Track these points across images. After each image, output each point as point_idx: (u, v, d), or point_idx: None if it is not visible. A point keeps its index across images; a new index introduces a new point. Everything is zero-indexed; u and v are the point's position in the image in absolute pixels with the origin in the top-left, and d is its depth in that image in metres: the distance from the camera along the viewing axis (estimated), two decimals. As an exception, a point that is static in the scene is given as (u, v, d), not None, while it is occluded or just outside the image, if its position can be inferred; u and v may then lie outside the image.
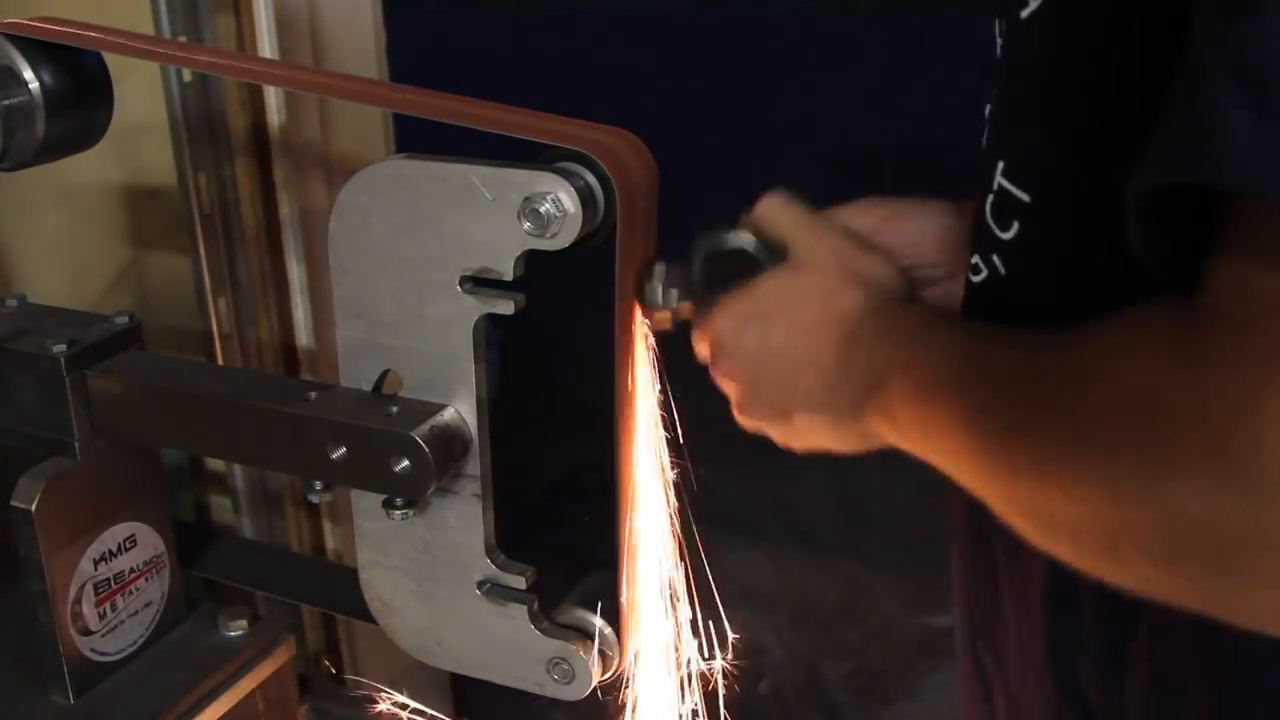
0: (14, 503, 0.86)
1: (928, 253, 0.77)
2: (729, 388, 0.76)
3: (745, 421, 0.77)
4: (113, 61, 0.85)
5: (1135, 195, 0.46)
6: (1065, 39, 0.59)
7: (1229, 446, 0.42)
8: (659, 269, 0.76)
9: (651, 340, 0.78)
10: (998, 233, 0.64)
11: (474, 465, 0.78)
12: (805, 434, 0.74)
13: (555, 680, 0.81)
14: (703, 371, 0.79)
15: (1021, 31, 0.61)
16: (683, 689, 0.85)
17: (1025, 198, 0.62)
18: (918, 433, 0.61)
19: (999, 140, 0.65)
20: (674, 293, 0.76)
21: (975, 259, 0.67)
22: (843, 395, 0.69)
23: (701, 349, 0.76)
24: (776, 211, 0.75)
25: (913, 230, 0.78)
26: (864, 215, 0.78)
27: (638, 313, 0.76)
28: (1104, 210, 0.54)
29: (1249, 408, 0.41)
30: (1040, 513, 0.52)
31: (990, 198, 0.64)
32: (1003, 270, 0.65)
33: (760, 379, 0.73)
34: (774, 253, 0.75)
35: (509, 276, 0.71)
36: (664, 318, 0.77)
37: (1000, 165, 0.64)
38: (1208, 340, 0.43)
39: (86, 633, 0.91)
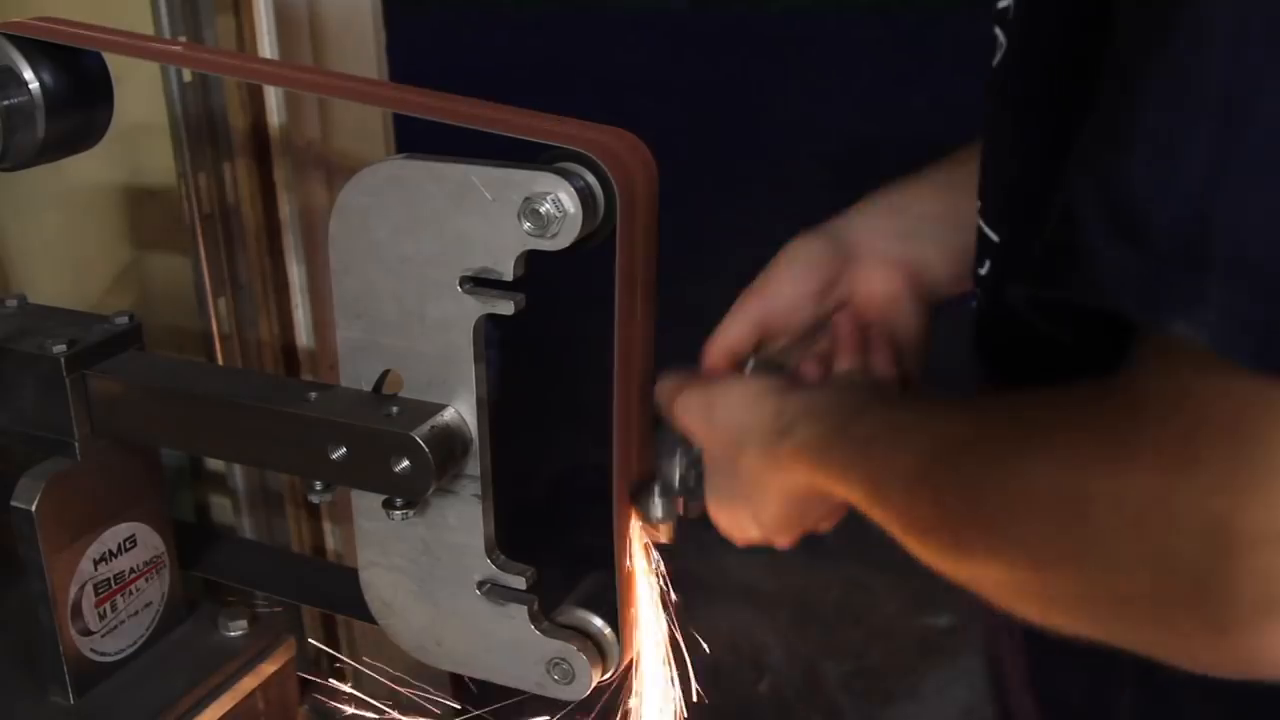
0: (14, 503, 0.86)
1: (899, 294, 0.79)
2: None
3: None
4: (113, 61, 0.85)
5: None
6: (1015, 95, 0.60)
7: (1148, 531, 0.43)
8: (657, 488, 0.79)
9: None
10: (977, 268, 0.65)
11: (474, 465, 0.78)
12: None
13: (555, 680, 0.81)
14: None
15: (993, 79, 0.62)
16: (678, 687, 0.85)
17: (995, 238, 0.63)
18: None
19: (981, 178, 0.66)
20: (670, 503, 0.79)
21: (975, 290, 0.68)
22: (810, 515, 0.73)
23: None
24: (688, 415, 0.76)
25: (869, 286, 0.79)
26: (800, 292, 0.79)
27: (636, 524, 0.80)
28: None
29: (1163, 498, 0.42)
30: (974, 578, 0.54)
31: (976, 231, 0.66)
32: (974, 304, 0.66)
33: (780, 531, 0.75)
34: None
35: (509, 277, 0.71)
36: (667, 529, 0.80)
37: (978, 204, 0.65)
38: (1125, 427, 0.45)
39: (86, 633, 0.91)
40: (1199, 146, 0.41)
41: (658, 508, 0.79)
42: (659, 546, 0.82)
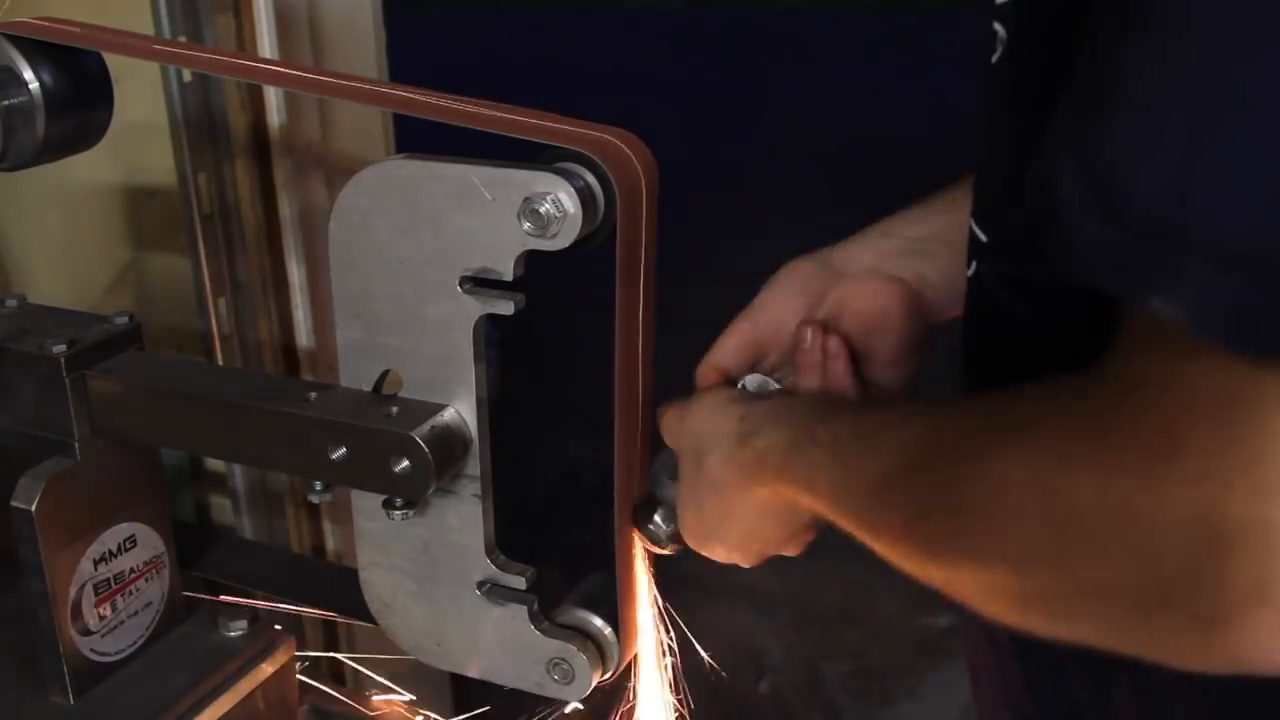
0: (14, 503, 0.86)
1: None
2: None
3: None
4: (113, 61, 0.85)
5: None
6: (1011, 91, 0.60)
7: (1132, 520, 0.42)
8: (659, 513, 0.80)
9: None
10: (966, 270, 0.65)
11: (474, 465, 0.78)
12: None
13: (555, 680, 0.81)
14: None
15: (991, 77, 0.62)
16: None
17: (984, 238, 0.63)
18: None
19: (975, 178, 0.66)
20: (671, 518, 0.79)
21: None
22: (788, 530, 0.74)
23: None
24: (665, 426, 0.78)
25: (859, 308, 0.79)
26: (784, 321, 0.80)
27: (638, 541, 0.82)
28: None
29: (1148, 484, 0.42)
30: (949, 582, 0.53)
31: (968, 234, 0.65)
32: (968, 306, 0.66)
33: (742, 549, 0.77)
34: None
35: (509, 277, 0.71)
36: (670, 545, 0.81)
37: (970, 205, 0.65)
38: (1106, 414, 0.44)
39: (86, 633, 0.91)
40: (1178, 124, 0.41)
41: (659, 528, 0.80)
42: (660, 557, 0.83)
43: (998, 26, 0.61)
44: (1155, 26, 0.42)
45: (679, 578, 0.84)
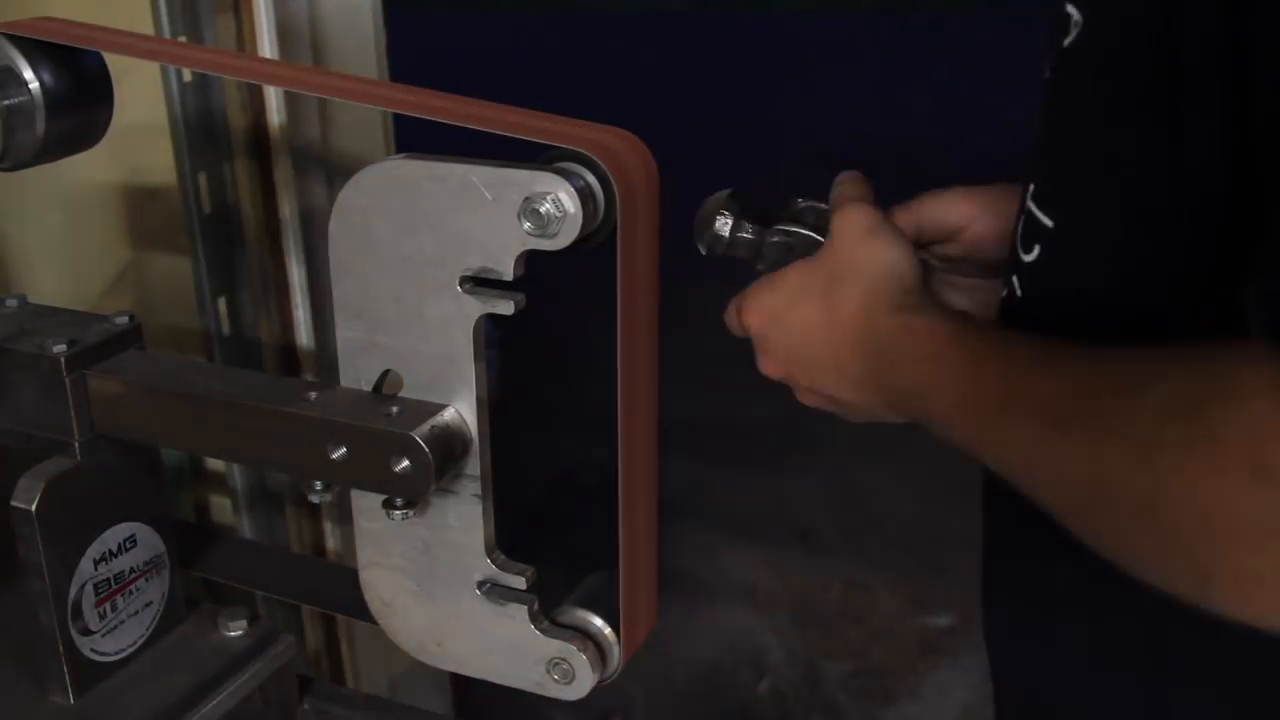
0: (14, 503, 0.86)
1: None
2: (778, 376, 0.76)
3: (807, 401, 0.77)
4: (113, 61, 0.85)
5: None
6: (1098, 69, 0.59)
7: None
8: (728, 211, 0.77)
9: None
10: (1021, 255, 0.65)
11: (474, 465, 0.78)
12: (865, 415, 0.74)
13: (555, 680, 0.81)
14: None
15: (1063, 61, 0.61)
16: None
17: (1049, 223, 0.62)
18: (967, 443, 0.61)
19: (1034, 165, 0.65)
20: (736, 238, 0.77)
21: (1010, 277, 0.67)
22: (877, 407, 0.70)
23: (747, 326, 0.77)
24: (839, 191, 0.76)
25: (986, 221, 0.77)
26: (957, 208, 0.77)
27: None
28: (1124, 241, 0.54)
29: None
30: (1068, 503, 0.53)
31: (1021, 220, 0.65)
32: (1019, 292, 0.66)
33: (796, 378, 0.74)
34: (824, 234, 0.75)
35: (509, 276, 0.71)
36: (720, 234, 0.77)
37: (1030, 189, 0.64)
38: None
39: (86, 633, 0.91)
40: None
41: (723, 228, 0.78)
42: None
43: (1071, 9, 0.60)
44: None
45: (679, 578, 0.84)
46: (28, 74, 0.80)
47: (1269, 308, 0.45)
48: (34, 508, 0.85)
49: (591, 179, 0.70)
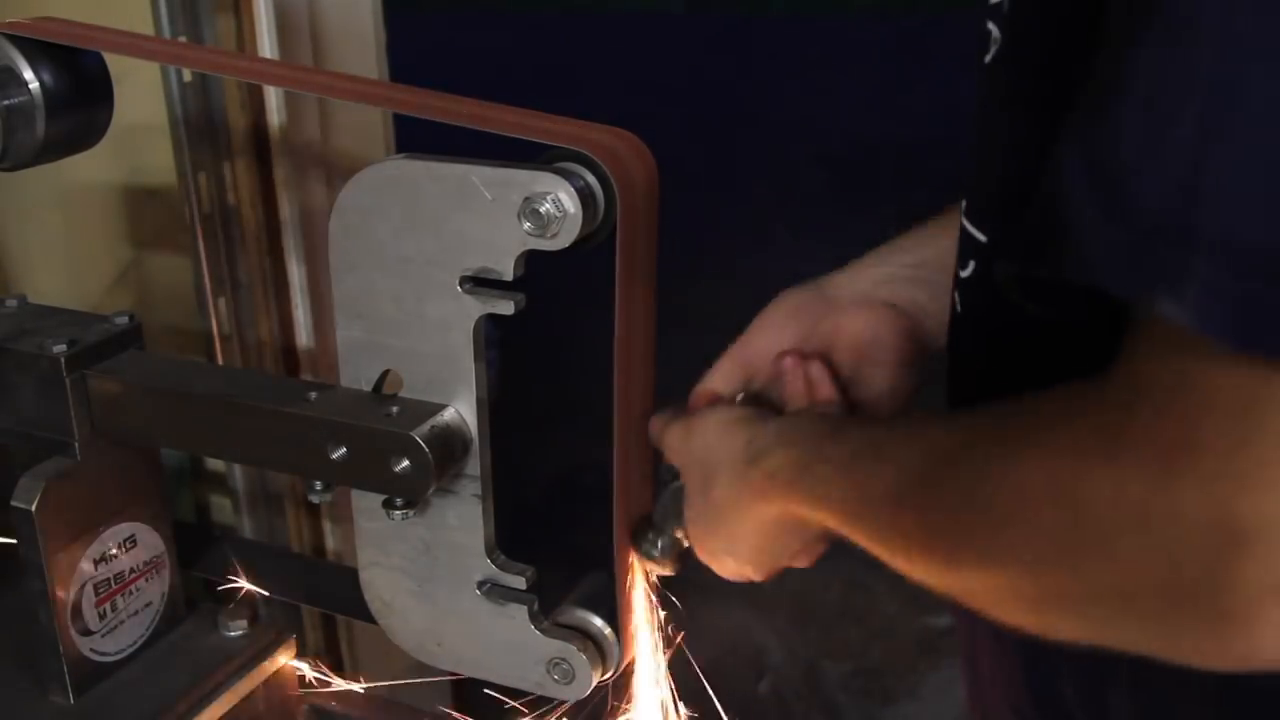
0: (14, 503, 0.86)
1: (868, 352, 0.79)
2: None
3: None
4: (113, 61, 0.85)
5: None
6: (1014, 84, 0.59)
7: (1149, 521, 0.43)
8: (653, 532, 0.80)
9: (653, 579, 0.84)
10: (959, 271, 0.65)
11: (474, 465, 0.78)
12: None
13: (555, 680, 0.81)
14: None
15: (985, 77, 0.62)
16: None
17: (981, 238, 0.62)
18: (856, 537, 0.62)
19: (965, 180, 0.65)
20: (670, 540, 0.80)
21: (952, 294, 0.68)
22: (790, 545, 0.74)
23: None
24: (668, 443, 0.78)
25: (849, 334, 0.79)
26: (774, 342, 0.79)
27: (637, 564, 0.82)
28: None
29: (1165, 486, 0.42)
30: (965, 589, 0.54)
31: (959, 236, 0.65)
32: (958, 308, 0.66)
33: (754, 564, 0.76)
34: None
35: (509, 276, 0.71)
36: (670, 564, 0.81)
37: (964, 204, 0.64)
38: (1121, 416, 0.44)
39: (86, 633, 0.91)
40: (1187, 123, 0.41)
41: (656, 548, 0.80)
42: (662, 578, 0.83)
43: (991, 26, 0.61)
44: (1164, 27, 0.42)
45: (679, 578, 0.84)
46: (28, 74, 0.80)
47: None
48: (34, 508, 0.85)
49: (591, 179, 0.70)
